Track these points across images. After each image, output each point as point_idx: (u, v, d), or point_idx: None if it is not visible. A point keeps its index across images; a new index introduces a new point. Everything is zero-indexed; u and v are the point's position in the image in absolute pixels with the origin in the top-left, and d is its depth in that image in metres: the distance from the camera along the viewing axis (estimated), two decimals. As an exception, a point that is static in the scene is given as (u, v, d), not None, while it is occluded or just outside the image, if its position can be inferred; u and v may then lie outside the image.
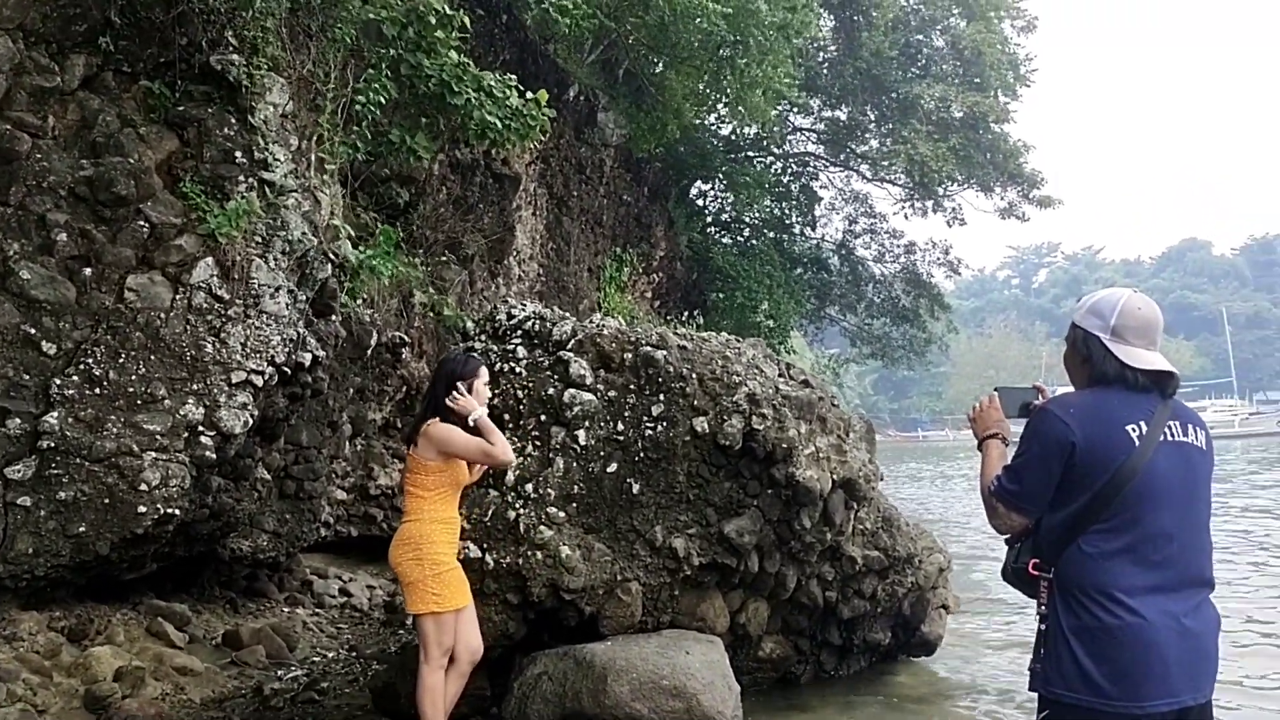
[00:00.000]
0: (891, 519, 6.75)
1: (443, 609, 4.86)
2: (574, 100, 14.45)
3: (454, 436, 4.96)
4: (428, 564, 4.85)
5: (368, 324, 8.46)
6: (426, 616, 4.85)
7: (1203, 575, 2.89)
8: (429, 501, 4.97)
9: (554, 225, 14.88)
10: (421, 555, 4.86)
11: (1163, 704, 2.73)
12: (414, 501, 4.98)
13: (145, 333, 5.83)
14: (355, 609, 8.91)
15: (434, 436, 4.96)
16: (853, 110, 25.08)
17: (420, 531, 4.90)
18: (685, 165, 21.58)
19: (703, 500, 5.88)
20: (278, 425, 7.18)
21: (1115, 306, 2.95)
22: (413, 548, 4.88)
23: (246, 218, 6.10)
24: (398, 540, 4.98)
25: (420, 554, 4.86)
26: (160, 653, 6.43)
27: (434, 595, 4.84)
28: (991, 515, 3.08)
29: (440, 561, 4.89)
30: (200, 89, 6.26)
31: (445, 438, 4.96)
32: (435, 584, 4.84)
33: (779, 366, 6.69)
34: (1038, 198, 25.02)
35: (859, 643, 6.84)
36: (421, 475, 4.98)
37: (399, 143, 7.90)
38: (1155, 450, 2.81)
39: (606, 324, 6.38)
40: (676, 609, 5.90)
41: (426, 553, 4.86)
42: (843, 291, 28.49)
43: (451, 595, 4.90)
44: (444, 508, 5.02)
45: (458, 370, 5.14)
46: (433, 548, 4.88)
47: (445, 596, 4.87)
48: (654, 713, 5.01)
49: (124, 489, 5.67)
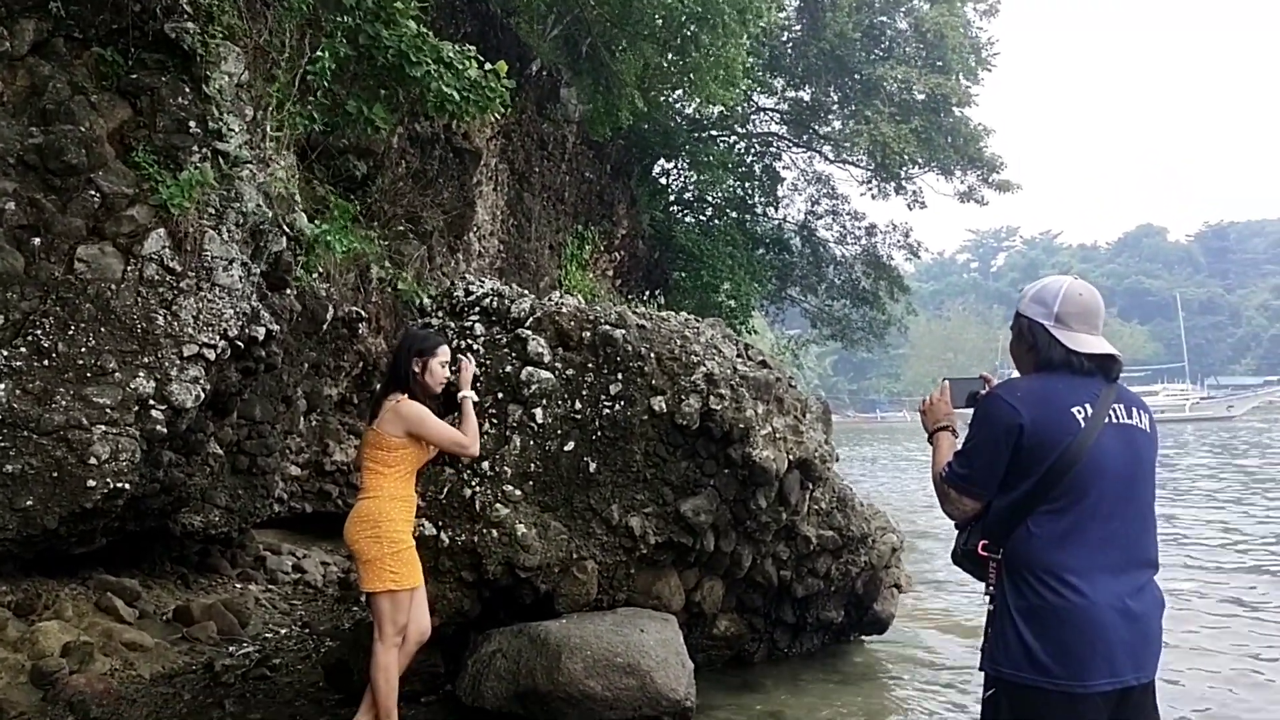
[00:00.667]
0: (846, 499, 6.80)
1: (400, 587, 4.82)
2: (536, 75, 14.33)
3: (427, 420, 4.92)
4: (386, 542, 4.80)
5: (323, 298, 8.38)
6: (383, 595, 4.80)
7: (1147, 556, 2.94)
8: (388, 479, 4.91)
9: (515, 201, 14.77)
10: (380, 533, 4.80)
11: (1105, 683, 2.78)
12: (372, 478, 4.92)
13: (95, 304, 5.72)
14: (309, 585, 8.85)
15: (405, 415, 4.90)
16: (816, 91, 25.10)
17: (379, 509, 4.85)
18: (648, 143, 21.51)
19: (659, 479, 5.89)
20: (230, 400, 7.10)
21: (1058, 294, 3.02)
22: (370, 525, 4.82)
23: (200, 189, 6.00)
24: (355, 517, 4.91)
25: (379, 531, 4.80)
26: (109, 628, 6.36)
27: (391, 573, 4.80)
28: (944, 501, 3.14)
29: (398, 540, 4.84)
30: (153, 57, 6.12)
31: (418, 419, 4.91)
32: (393, 562, 4.80)
33: (737, 347, 6.70)
34: (997, 182, 25.19)
35: (813, 621, 6.90)
36: (383, 452, 4.91)
37: (356, 114, 7.78)
38: (1100, 432, 2.87)
39: (565, 302, 6.36)
40: (632, 587, 5.92)
41: (385, 530, 4.81)
42: (804, 272, 28.57)
43: (408, 574, 4.86)
44: (403, 485, 4.96)
45: (417, 345, 5.09)
46: (391, 525, 4.83)
47: (402, 575, 4.83)
48: (608, 690, 5.03)
49: (73, 462, 5.58)
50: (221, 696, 5.71)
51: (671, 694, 5.09)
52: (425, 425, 4.92)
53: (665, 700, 5.07)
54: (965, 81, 23.99)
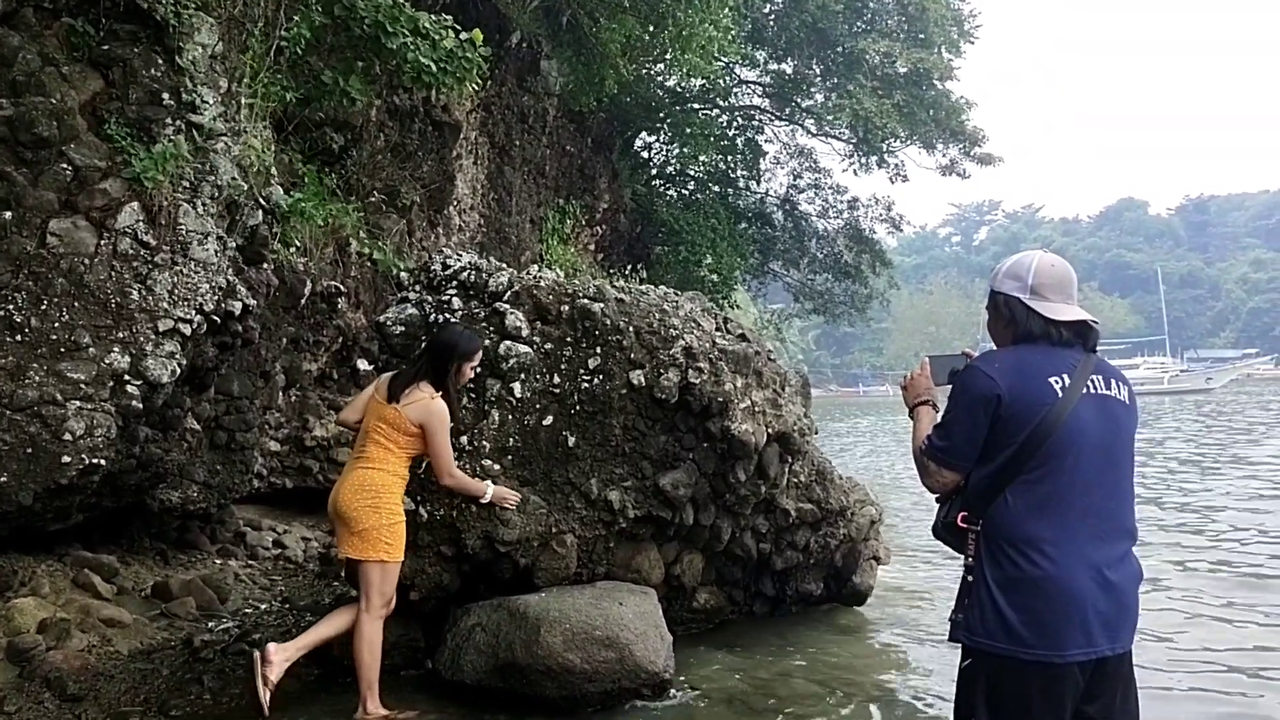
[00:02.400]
0: (825, 472, 6.82)
1: (391, 559, 5.05)
2: (516, 47, 14.21)
3: (444, 431, 5.20)
4: (385, 513, 5.04)
5: (301, 272, 8.31)
6: (374, 564, 5.00)
7: (1124, 526, 2.96)
8: (395, 456, 5.15)
9: (495, 175, 14.69)
10: (380, 504, 5.03)
11: (1081, 653, 2.81)
12: (380, 451, 5.12)
13: (69, 279, 5.66)
14: (289, 561, 8.82)
15: (434, 413, 5.14)
16: (798, 64, 24.94)
17: (383, 481, 5.07)
18: (630, 116, 21.38)
19: (638, 453, 5.89)
20: (207, 375, 7.04)
21: (1030, 267, 3.05)
22: (372, 495, 5.03)
23: (174, 161, 5.92)
24: (357, 485, 5.07)
25: (379, 502, 5.03)
26: (87, 604, 6.33)
27: (386, 544, 5.02)
28: (924, 474, 3.16)
29: (396, 513, 5.10)
30: (125, 28, 6.02)
31: (440, 426, 5.17)
32: (389, 534, 5.04)
33: (716, 320, 6.69)
34: (979, 155, 25.15)
35: (791, 593, 6.93)
36: (399, 433, 5.13)
37: (332, 86, 7.69)
38: (1078, 403, 2.89)
39: (543, 276, 6.33)
40: (611, 561, 5.93)
41: (385, 501, 5.05)
42: (786, 246, 28.54)
43: (399, 548, 5.10)
44: (404, 465, 5.22)
45: (462, 348, 5.33)
46: (391, 498, 5.09)
47: (395, 547, 5.07)
48: (586, 663, 5.04)
49: (47, 438, 5.53)
50: (201, 672, 5.69)
51: (650, 666, 5.11)
52: (440, 435, 5.18)
53: (644, 672, 5.09)
54: (947, 55, 23.93)
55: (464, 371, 5.38)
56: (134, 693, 5.39)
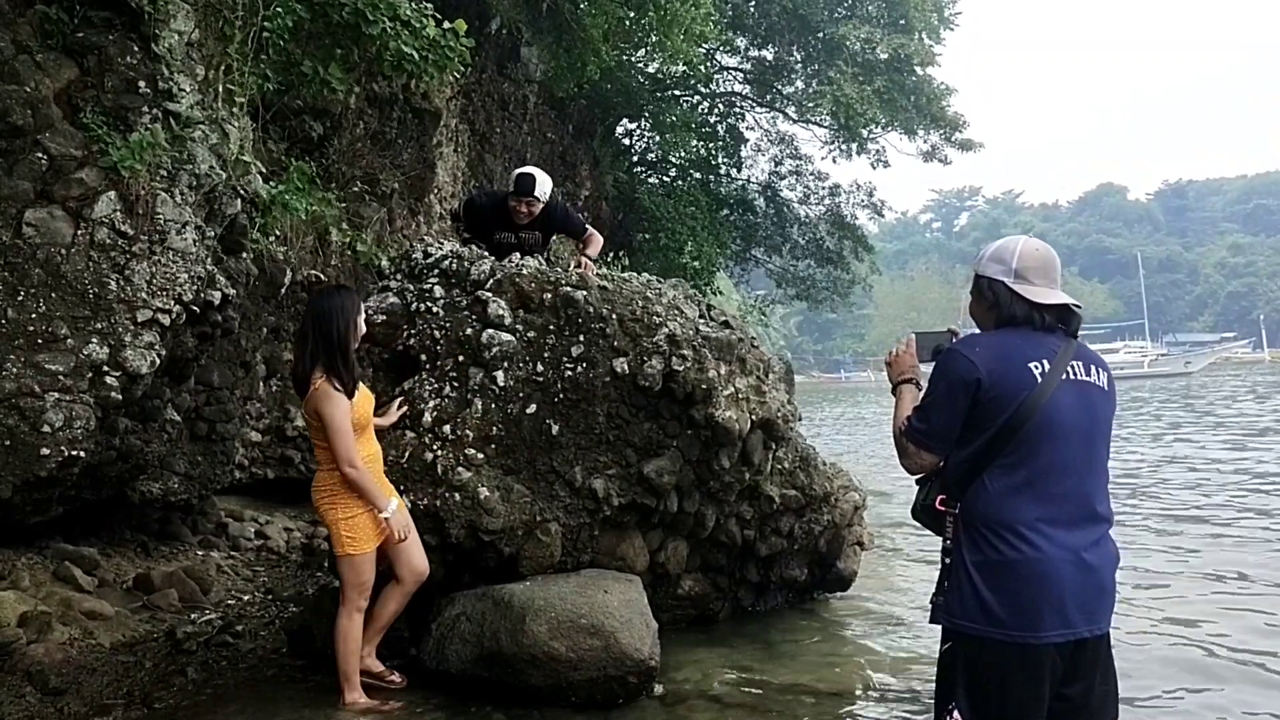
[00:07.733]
0: (809, 458, 6.83)
1: (357, 552, 4.96)
2: (496, 34, 14.16)
3: (336, 417, 4.81)
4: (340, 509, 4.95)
5: (281, 262, 8.26)
6: (342, 558, 4.98)
7: (1100, 510, 2.99)
8: (328, 451, 4.95)
9: (476, 162, 14.63)
10: (335, 501, 4.97)
11: (1058, 634, 2.85)
12: (320, 450, 5.02)
13: (45, 269, 5.60)
14: (272, 552, 8.79)
15: (320, 399, 4.82)
16: (779, 50, 24.92)
17: (331, 478, 4.96)
18: (611, 103, 21.33)
19: (622, 441, 5.88)
20: (187, 365, 7.00)
21: (1014, 251, 3.07)
22: (326, 493, 4.99)
23: (151, 150, 5.86)
24: (315, 486, 5.07)
25: (334, 500, 4.97)
26: (68, 597, 6.29)
27: (348, 538, 4.94)
28: (903, 455, 3.18)
29: (350, 507, 4.96)
30: (100, 15, 5.96)
31: (329, 412, 4.80)
32: (346, 528, 4.94)
33: (699, 307, 6.68)
34: (960, 141, 25.21)
35: (776, 579, 6.95)
36: (316, 430, 4.96)
37: (311, 74, 7.63)
38: (1057, 388, 2.91)
39: (526, 264, 6.30)
40: (596, 549, 5.92)
41: (339, 499, 4.96)
42: (768, 233, 28.55)
43: (363, 540, 4.97)
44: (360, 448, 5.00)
45: (342, 306, 4.98)
46: (342, 493, 4.95)
47: (358, 540, 4.97)
48: (572, 651, 5.03)
49: (25, 430, 5.48)
50: (184, 664, 5.67)
51: (636, 654, 5.10)
52: (333, 422, 4.86)
53: (630, 660, 5.08)
54: (928, 41, 23.92)
55: (357, 330, 5.02)
56: (116, 685, 5.36)
